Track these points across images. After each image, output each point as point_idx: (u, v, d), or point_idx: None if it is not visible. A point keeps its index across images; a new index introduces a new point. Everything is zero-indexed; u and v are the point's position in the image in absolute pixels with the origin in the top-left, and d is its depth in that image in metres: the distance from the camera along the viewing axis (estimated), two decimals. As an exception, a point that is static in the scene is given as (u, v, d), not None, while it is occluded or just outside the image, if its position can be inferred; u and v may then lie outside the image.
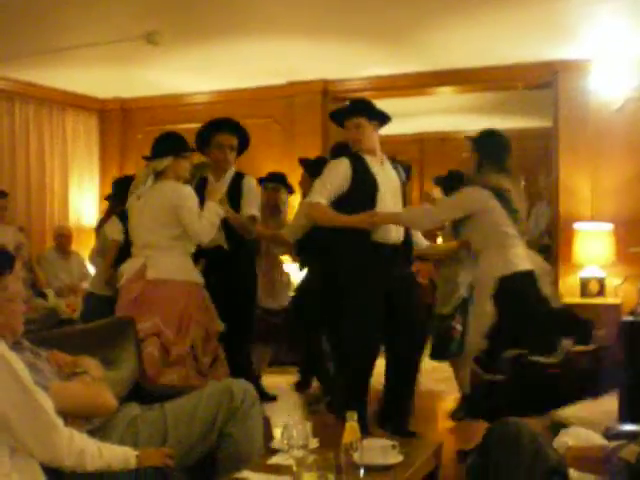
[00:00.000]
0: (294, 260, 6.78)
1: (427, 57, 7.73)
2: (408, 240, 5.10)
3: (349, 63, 8.04)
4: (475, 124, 11.57)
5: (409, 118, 10.60)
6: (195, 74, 8.47)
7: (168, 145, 4.88)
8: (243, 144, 5.53)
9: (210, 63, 8.00)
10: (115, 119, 9.94)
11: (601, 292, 7.47)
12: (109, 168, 9.96)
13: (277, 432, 3.27)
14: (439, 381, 7.10)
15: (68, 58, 7.63)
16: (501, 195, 4.70)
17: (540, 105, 8.84)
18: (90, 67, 8.12)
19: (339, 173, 4.94)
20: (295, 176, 6.99)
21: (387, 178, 5.07)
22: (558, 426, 3.28)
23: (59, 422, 2.52)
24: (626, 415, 5.17)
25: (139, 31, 6.77)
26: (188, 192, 4.70)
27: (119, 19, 6.57)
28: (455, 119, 11.01)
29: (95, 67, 8.12)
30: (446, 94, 9.08)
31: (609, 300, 7.43)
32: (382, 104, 9.99)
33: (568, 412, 4.86)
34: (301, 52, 7.56)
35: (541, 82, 8.14)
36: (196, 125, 9.39)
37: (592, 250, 7.48)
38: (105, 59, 7.74)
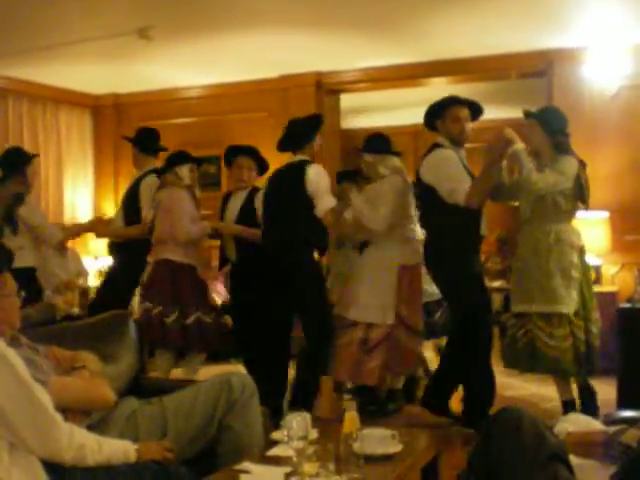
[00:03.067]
0: None
1: (421, 48, 7.73)
2: None
3: (343, 55, 8.03)
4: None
5: (403, 109, 10.60)
6: (188, 68, 8.46)
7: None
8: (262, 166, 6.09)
9: (203, 57, 7.99)
10: (109, 115, 9.94)
11: (597, 280, 7.46)
12: (103, 164, 9.95)
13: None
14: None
15: (61, 54, 7.62)
16: None
17: (535, 94, 8.83)
18: (83, 63, 8.10)
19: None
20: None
21: None
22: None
23: (58, 417, 2.52)
24: (624, 401, 5.20)
25: (132, 26, 6.76)
26: None
27: (111, 15, 6.55)
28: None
29: (88, 63, 8.10)
30: (440, 85, 9.05)
31: (606, 288, 7.43)
32: (376, 95, 10.06)
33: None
34: (294, 45, 7.55)
35: (535, 71, 8.14)
36: (190, 119, 9.43)
37: (588, 238, 7.44)
38: (98, 55, 7.73)
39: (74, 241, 9.01)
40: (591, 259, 7.48)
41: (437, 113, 5.25)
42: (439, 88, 9.31)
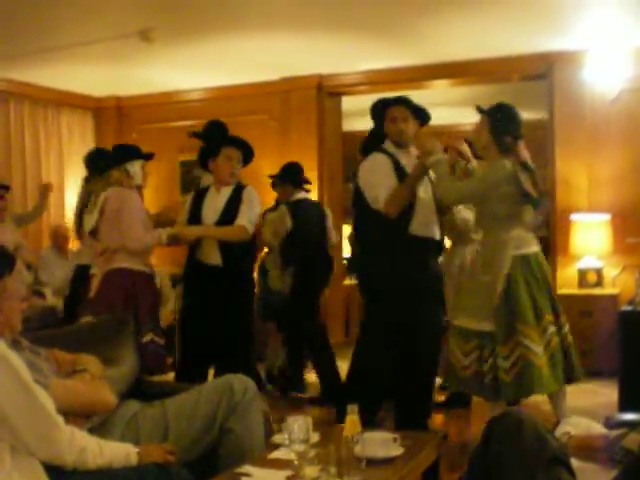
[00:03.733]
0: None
1: (422, 50, 7.73)
2: None
3: (344, 58, 8.03)
4: (471, 117, 11.59)
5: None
6: (190, 71, 8.46)
7: None
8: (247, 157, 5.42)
9: (204, 60, 8.00)
10: (110, 117, 9.94)
11: (599, 283, 7.48)
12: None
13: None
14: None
15: (62, 57, 7.62)
16: None
17: (535, 97, 8.83)
18: (84, 65, 8.11)
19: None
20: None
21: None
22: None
23: (60, 420, 2.53)
24: (626, 404, 5.20)
25: (133, 29, 6.77)
26: None
27: (113, 17, 6.56)
28: (451, 112, 10.99)
29: (89, 65, 8.11)
30: (441, 87, 9.08)
31: (607, 291, 7.44)
32: (377, 98, 10.02)
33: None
34: (295, 47, 7.56)
35: (536, 73, 8.14)
36: (191, 122, 9.42)
37: (589, 241, 7.49)
38: (99, 57, 7.73)
39: (75, 243, 9.05)
40: (592, 261, 7.51)
41: (379, 115, 4.91)
42: (440, 90, 9.35)
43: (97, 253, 5.44)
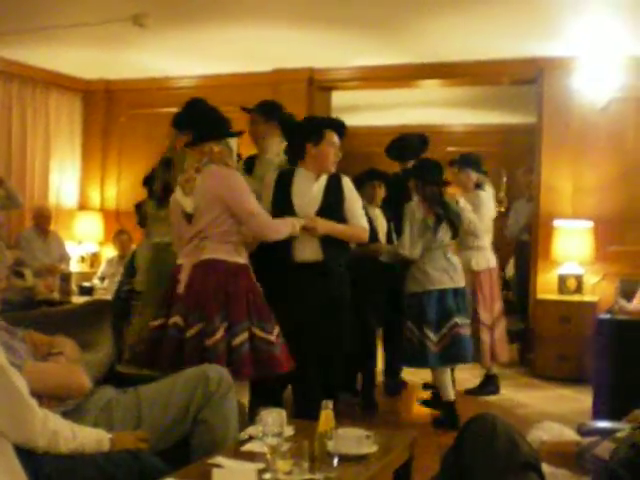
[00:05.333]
0: None
1: (414, 49, 7.73)
2: None
3: (336, 52, 8.02)
4: (459, 118, 11.67)
5: (393, 110, 10.62)
6: (181, 58, 8.43)
7: None
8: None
9: (196, 47, 7.96)
10: (99, 100, 9.88)
11: (579, 289, 7.51)
12: (91, 149, 9.90)
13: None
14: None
15: (54, 37, 7.57)
16: None
17: (524, 101, 8.87)
18: (76, 47, 8.06)
19: None
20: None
21: None
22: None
23: (33, 403, 2.52)
24: (599, 412, 5.23)
25: (126, 13, 6.72)
26: None
27: (106, 0, 6.52)
28: (439, 112, 11.03)
29: (81, 47, 8.06)
30: (431, 87, 9.09)
31: (586, 298, 7.47)
32: (367, 95, 10.06)
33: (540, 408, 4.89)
34: (288, 39, 7.54)
35: (526, 78, 8.15)
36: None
37: (571, 247, 7.52)
38: (91, 40, 7.68)
39: (58, 225, 9.01)
40: (573, 268, 7.54)
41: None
42: (430, 90, 9.37)
43: (183, 240, 4.32)
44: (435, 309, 5.64)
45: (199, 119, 4.75)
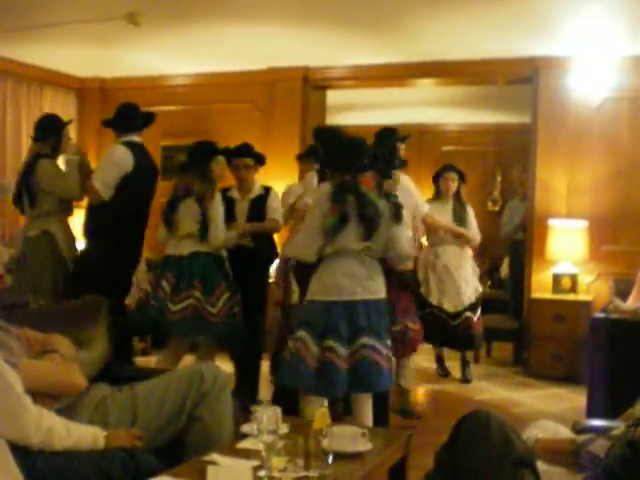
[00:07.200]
0: None
1: (409, 48, 7.73)
2: None
3: (331, 51, 8.01)
4: (454, 117, 11.67)
5: (388, 109, 10.61)
6: (176, 56, 8.42)
7: None
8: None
9: (191, 45, 7.95)
10: (93, 98, 9.86)
11: (573, 289, 7.52)
12: (86, 148, 9.88)
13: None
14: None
15: (48, 35, 7.55)
16: None
17: (519, 100, 8.86)
18: (70, 45, 8.04)
19: None
20: (272, 161, 7.04)
21: None
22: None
23: (27, 400, 2.51)
24: (594, 410, 5.24)
25: (121, 11, 6.70)
26: None
27: (101, -3, 6.52)
28: (435, 111, 11.02)
29: (75, 45, 8.04)
30: (426, 86, 9.09)
31: (581, 297, 7.48)
32: (362, 94, 10.05)
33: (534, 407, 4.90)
34: (283, 38, 7.53)
35: (521, 77, 8.16)
36: (175, 107, 9.38)
37: (566, 246, 7.52)
38: (86, 38, 7.67)
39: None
40: (568, 267, 7.55)
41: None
42: (425, 89, 9.37)
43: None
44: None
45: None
